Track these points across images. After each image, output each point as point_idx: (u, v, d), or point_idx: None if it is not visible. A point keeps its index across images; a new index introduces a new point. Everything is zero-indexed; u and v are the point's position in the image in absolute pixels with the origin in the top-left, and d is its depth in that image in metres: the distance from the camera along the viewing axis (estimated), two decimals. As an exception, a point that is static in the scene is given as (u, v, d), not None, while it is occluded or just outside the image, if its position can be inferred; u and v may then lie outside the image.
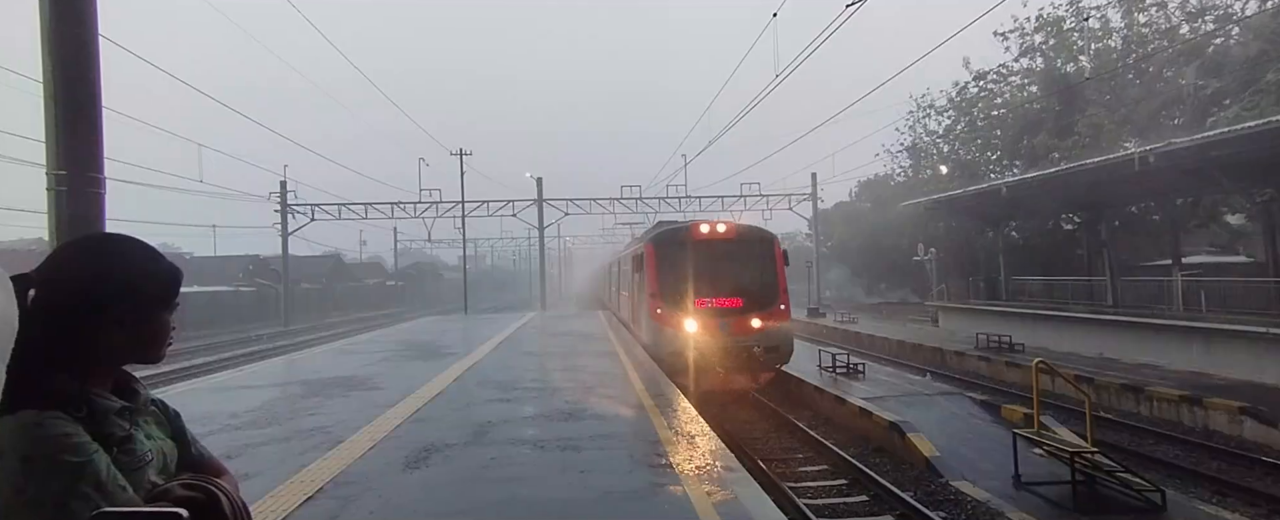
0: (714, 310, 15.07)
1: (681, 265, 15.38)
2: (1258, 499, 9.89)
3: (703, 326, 14.88)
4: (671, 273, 15.40)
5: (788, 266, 15.97)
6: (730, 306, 15.15)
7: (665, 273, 15.48)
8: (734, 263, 15.66)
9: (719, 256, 15.60)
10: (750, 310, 15.18)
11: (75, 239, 1.57)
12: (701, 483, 5.94)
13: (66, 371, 1.34)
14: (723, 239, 15.85)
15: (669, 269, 15.47)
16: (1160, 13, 31.80)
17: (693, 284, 15.15)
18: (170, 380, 18.42)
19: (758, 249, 15.95)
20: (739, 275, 15.55)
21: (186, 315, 38.01)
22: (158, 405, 1.56)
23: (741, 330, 14.97)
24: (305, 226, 42.33)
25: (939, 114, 43.93)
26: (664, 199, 41.88)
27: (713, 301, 15.14)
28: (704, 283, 15.22)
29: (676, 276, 15.30)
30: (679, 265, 15.40)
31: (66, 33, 4.23)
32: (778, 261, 15.76)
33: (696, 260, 15.39)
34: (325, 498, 5.65)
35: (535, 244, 45.28)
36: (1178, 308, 20.20)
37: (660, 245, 15.92)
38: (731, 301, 15.22)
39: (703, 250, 15.59)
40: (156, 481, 1.38)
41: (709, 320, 14.96)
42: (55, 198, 4.18)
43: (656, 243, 16.04)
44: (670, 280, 15.35)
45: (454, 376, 12.19)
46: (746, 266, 15.74)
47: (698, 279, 15.21)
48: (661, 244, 15.97)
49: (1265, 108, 21.79)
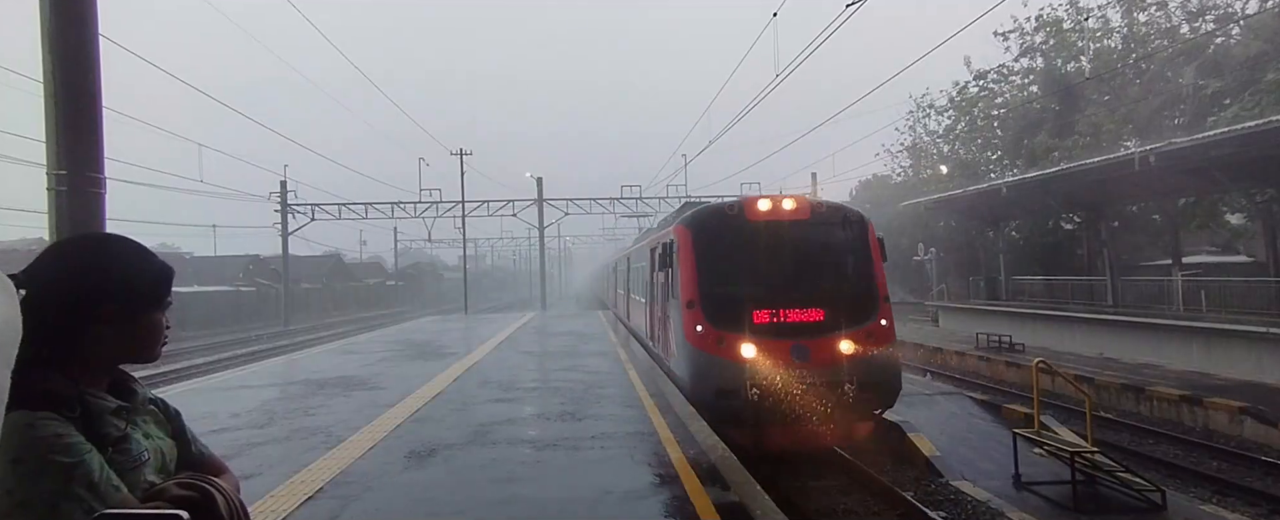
0: (783, 327, 10.18)
1: (732, 259, 10.71)
2: (1258, 499, 9.89)
3: (767, 352, 9.90)
4: (717, 271, 10.64)
5: (885, 262, 11.16)
6: (807, 322, 10.28)
7: (707, 271, 10.62)
8: (810, 256, 10.93)
9: (787, 247, 10.73)
10: (836, 326, 10.23)
11: (65, 238, 1.57)
12: (701, 482, 5.94)
13: (60, 371, 1.34)
14: (792, 221, 10.81)
15: (713, 265, 10.66)
16: (1160, 12, 31.78)
17: (751, 288, 10.48)
18: (170, 380, 18.43)
19: (843, 236, 11.05)
20: (818, 275, 10.88)
21: (186, 315, 38.06)
22: (157, 404, 1.56)
23: (825, 358, 10.03)
24: (305, 226, 42.32)
25: (939, 114, 43.99)
26: (664, 199, 41.88)
27: (781, 314, 10.26)
28: (767, 286, 10.49)
29: (725, 276, 10.62)
30: (728, 259, 10.71)
31: (66, 33, 4.22)
32: (873, 254, 10.89)
33: (754, 253, 10.67)
34: (325, 497, 5.66)
35: (535, 244, 45.29)
36: (1178, 307, 20.20)
37: (699, 230, 10.93)
38: (808, 314, 10.33)
39: (763, 238, 10.71)
40: (155, 481, 1.37)
41: (776, 343, 10.00)
42: (55, 198, 4.17)
43: (694, 226, 11.01)
44: (715, 282, 10.55)
45: (454, 376, 12.19)
46: (828, 262, 11.10)
47: (758, 280, 10.56)
48: (701, 228, 10.96)
49: (1265, 108, 21.77)
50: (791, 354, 9.95)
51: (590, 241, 77.38)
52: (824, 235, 11.08)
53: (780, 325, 10.22)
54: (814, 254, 11.02)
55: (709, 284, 10.53)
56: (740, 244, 10.75)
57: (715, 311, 10.27)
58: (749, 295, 10.37)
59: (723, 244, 10.80)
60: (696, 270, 10.65)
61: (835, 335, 10.20)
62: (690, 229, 10.99)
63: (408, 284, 79.50)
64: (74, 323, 1.38)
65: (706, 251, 10.74)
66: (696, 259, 10.71)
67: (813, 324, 10.29)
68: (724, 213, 11.17)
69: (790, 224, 10.85)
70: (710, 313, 10.26)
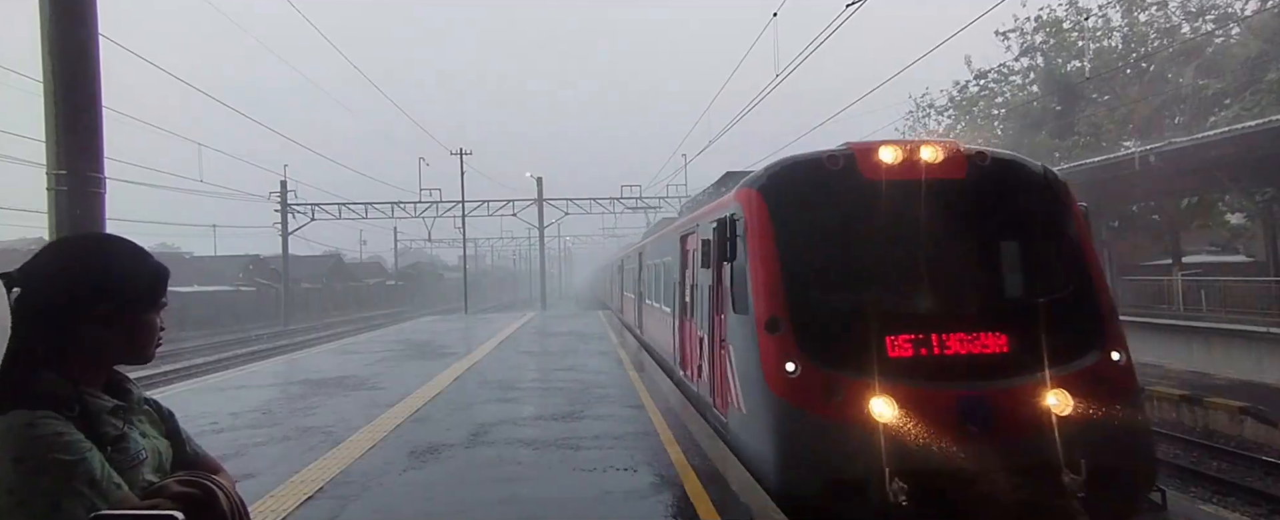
0: (942, 365, 5.98)
1: (843, 245, 6.61)
2: (1258, 499, 9.89)
3: (917, 412, 5.68)
4: (816, 266, 6.53)
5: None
6: (983, 355, 6.02)
7: (800, 266, 6.43)
8: (976, 241, 6.69)
9: (936, 225, 6.39)
10: (1034, 364, 5.91)
11: (61, 238, 1.58)
12: (702, 482, 5.94)
13: (56, 371, 1.34)
14: (939, 180, 6.50)
15: (809, 256, 6.51)
16: (1160, 12, 31.82)
17: (879, 295, 6.31)
18: (170, 380, 18.43)
19: (1029, 206, 6.81)
20: (994, 273, 6.70)
21: (186, 315, 38.05)
22: (151, 405, 1.57)
23: (1021, 421, 5.77)
24: (305, 226, 42.37)
25: (939, 113, 44.00)
26: (664, 199, 41.89)
27: (936, 342, 6.04)
28: (906, 292, 6.33)
29: (832, 275, 6.56)
30: (836, 245, 6.60)
31: (66, 33, 4.23)
32: (1082, 238, 6.74)
33: (880, 233, 6.49)
34: (325, 498, 5.66)
35: (535, 243, 45.30)
36: (1178, 307, 20.20)
37: (783, 195, 6.73)
38: (984, 341, 6.07)
39: (893, 209, 6.42)
40: (153, 480, 1.38)
41: (932, 393, 5.85)
42: (55, 198, 4.17)
43: (773, 189, 6.80)
44: (816, 285, 6.45)
45: (454, 376, 12.19)
46: (1009, 250, 6.85)
47: (890, 282, 6.45)
48: (786, 193, 6.75)
49: (1265, 107, 21.79)
50: (961, 414, 5.64)
51: (590, 241, 77.39)
52: (996, 205, 6.63)
53: (937, 361, 5.88)
54: (983, 237, 6.67)
55: (805, 289, 6.24)
56: (855, 219, 6.43)
57: (818, 337, 5.99)
58: (876, 308, 6.03)
59: (825, 219, 6.47)
60: (780, 265, 6.28)
61: (1034, 381, 5.81)
62: (766, 194, 6.62)
63: (408, 284, 79.53)
64: (68, 322, 1.38)
65: (797, 232, 6.42)
66: (780, 246, 6.35)
67: (993, 359, 5.93)
68: (823, 167, 6.53)
69: (937, 186, 6.34)
70: (809, 339, 5.96)
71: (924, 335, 5.96)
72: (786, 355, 5.93)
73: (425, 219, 41.67)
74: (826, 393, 5.78)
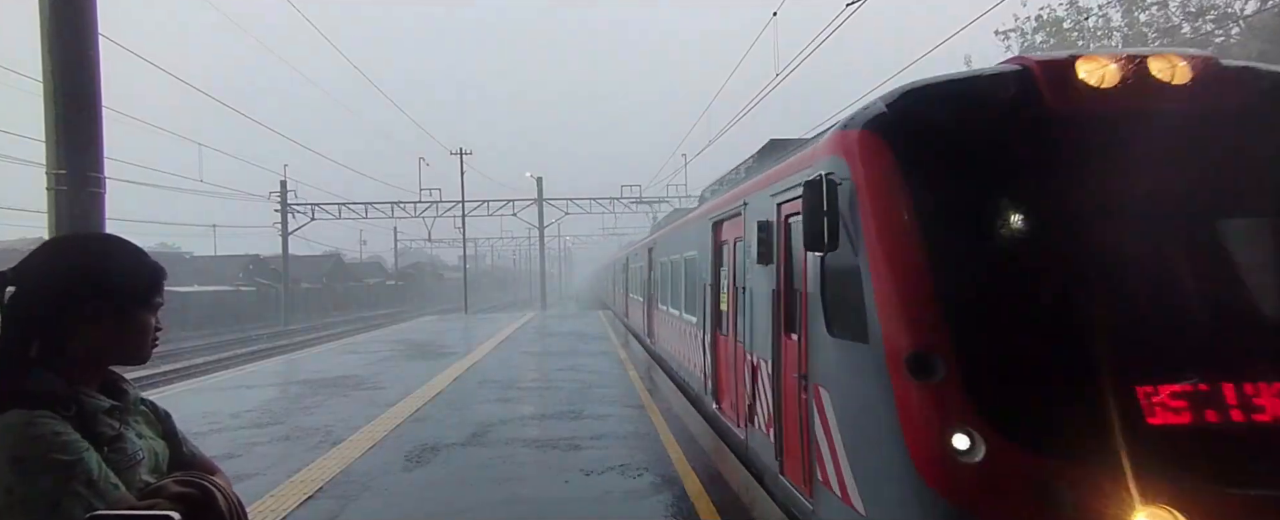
0: (1243, 441, 3.13)
1: (1034, 223, 3.62)
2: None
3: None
4: (988, 258, 3.62)
5: None
6: None
7: (958, 258, 3.52)
8: (1270, 213, 3.75)
9: (1193, 183, 3.61)
10: None
11: (57, 237, 1.56)
12: (702, 482, 5.94)
13: (52, 371, 1.34)
14: (1184, 107, 3.58)
15: (973, 240, 3.60)
16: (1161, 12, 31.81)
17: (1106, 309, 3.43)
18: (170, 380, 18.42)
19: None
20: None
21: (186, 315, 38.04)
22: (147, 405, 1.56)
23: None
24: (305, 226, 42.33)
25: (939, 114, 43.99)
26: (664, 199, 41.87)
27: (1229, 396, 3.16)
28: (1160, 305, 3.56)
29: (1016, 274, 3.62)
30: (1021, 223, 3.63)
31: (66, 33, 4.23)
32: None
33: (1096, 201, 3.59)
34: (325, 497, 5.66)
35: (535, 243, 45.30)
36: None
37: (921, 137, 3.76)
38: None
39: (1116, 157, 3.57)
40: (149, 480, 1.38)
41: (1242, 506, 2.95)
42: (55, 198, 4.17)
43: (902, 129, 3.80)
44: (988, 293, 3.53)
45: (454, 376, 12.19)
46: None
47: (1121, 286, 3.56)
48: (928, 134, 3.75)
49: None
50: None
51: (590, 241, 77.37)
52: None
53: (1237, 433, 3.20)
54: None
55: (977, 300, 3.53)
56: (1054, 176, 3.73)
57: (1011, 387, 3.38)
58: (1112, 335, 3.35)
59: (1002, 178, 3.78)
60: (929, 258, 3.52)
61: None
62: (891, 137, 3.83)
63: (408, 284, 79.52)
64: (64, 321, 1.38)
65: (953, 202, 3.67)
66: (923, 224, 3.59)
67: None
68: (987, 95, 3.84)
69: (1193, 120, 3.63)
70: (993, 391, 3.32)
71: (1209, 384, 3.22)
72: (953, 421, 3.22)
73: (425, 219, 41.68)
74: (1034, 494, 3.11)
